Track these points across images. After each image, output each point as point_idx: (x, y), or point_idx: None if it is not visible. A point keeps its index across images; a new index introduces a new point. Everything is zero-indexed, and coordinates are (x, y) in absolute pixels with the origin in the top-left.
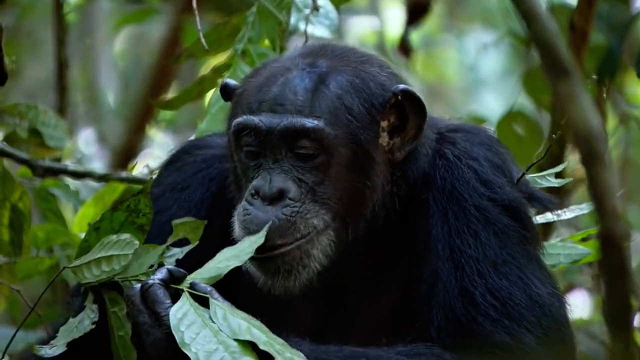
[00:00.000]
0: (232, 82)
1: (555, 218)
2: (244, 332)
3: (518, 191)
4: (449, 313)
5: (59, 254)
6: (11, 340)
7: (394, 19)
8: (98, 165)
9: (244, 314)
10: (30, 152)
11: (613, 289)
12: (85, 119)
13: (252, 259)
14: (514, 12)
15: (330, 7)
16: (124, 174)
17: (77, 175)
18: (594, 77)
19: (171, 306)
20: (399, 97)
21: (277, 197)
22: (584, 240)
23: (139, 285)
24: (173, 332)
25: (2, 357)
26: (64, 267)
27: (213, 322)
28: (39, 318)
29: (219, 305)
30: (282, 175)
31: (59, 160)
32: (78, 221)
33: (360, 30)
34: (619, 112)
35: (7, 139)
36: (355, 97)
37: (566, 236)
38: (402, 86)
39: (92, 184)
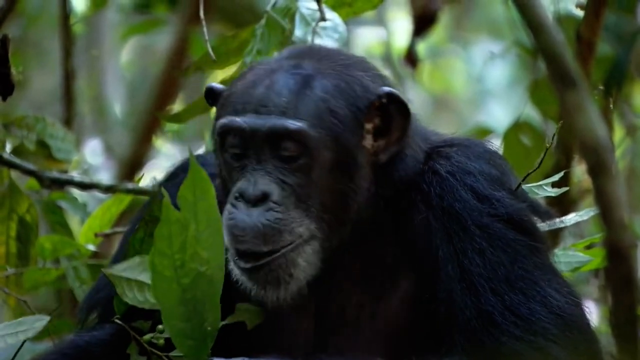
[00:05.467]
0: (217, 85)
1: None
2: None
3: (520, 201)
4: (470, 336)
5: (65, 265)
6: (17, 351)
7: (401, 29)
8: (105, 176)
9: None
10: (38, 164)
11: (620, 300)
12: (92, 129)
13: (241, 269)
14: (520, 23)
15: (338, 21)
16: (130, 186)
17: (84, 186)
18: (601, 88)
19: None
20: (384, 100)
21: (260, 200)
22: (588, 248)
23: None
24: None
25: None
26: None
27: None
28: (46, 329)
29: None
30: (265, 177)
31: (65, 171)
32: (84, 232)
33: (366, 41)
34: (625, 123)
35: (15, 151)
36: (339, 99)
37: (569, 244)
38: (386, 89)
39: (100, 195)
